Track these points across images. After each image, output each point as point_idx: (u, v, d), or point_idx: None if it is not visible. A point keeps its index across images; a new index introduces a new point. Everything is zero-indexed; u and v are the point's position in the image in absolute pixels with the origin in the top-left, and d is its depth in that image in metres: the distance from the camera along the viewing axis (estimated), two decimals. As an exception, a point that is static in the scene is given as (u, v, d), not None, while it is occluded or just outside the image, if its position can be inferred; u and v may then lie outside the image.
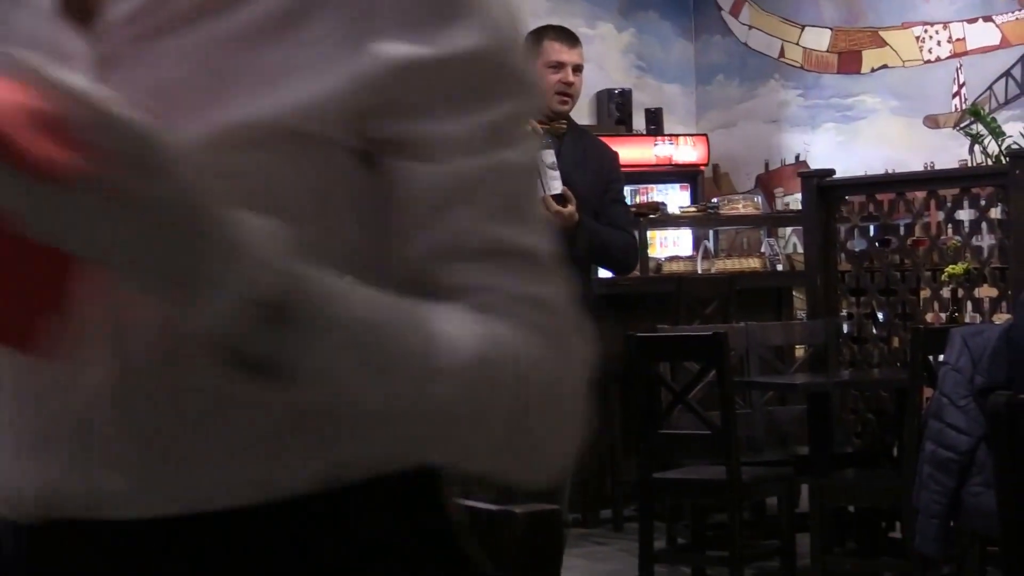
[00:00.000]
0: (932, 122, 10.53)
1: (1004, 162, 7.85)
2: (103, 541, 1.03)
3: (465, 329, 0.98)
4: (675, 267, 8.93)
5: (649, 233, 9.28)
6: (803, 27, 11.18)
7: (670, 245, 10.46)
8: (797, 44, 11.24)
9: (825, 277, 6.52)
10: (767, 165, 11.42)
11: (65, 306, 0.90)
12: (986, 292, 6.19)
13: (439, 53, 1.00)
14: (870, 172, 8.26)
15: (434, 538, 1.10)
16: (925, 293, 6.31)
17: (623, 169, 5.21)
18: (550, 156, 4.76)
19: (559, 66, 4.95)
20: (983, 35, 10.26)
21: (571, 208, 4.75)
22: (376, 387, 0.95)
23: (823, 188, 6.59)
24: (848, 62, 10.96)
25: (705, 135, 11.62)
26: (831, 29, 11.03)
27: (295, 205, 1.00)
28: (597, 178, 4.92)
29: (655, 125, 11.41)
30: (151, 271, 0.88)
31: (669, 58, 11.88)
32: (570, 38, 5.06)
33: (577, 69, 4.99)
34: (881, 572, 5.65)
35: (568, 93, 4.98)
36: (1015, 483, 2.95)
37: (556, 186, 4.74)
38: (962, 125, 9.94)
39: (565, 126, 5.00)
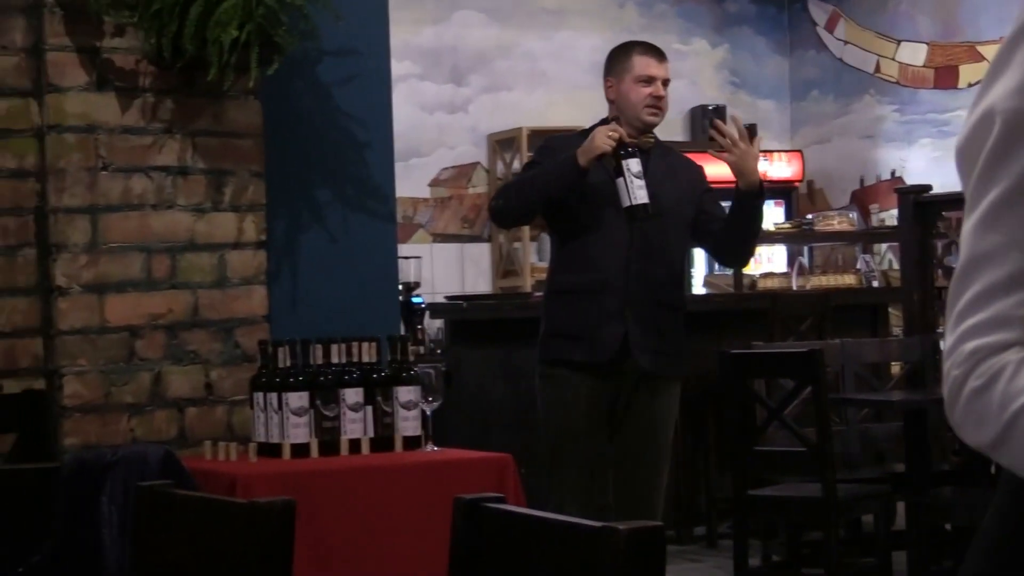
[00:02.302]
0: (1030, 137, 10.40)
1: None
2: None
3: None
4: (770, 283, 8.91)
5: (743, 249, 9.25)
6: (899, 42, 11.11)
7: (764, 262, 10.42)
8: (893, 59, 11.17)
9: (922, 293, 6.48)
10: (862, 181, 11.35)
11: None
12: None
13: None
14: (967, 188, 8.17)
15: None
16: (1023, 310, 6.25)
17: (717, 185, 5.21)
18: (636, 165, 4.76)
19: (650, 80, 4.95)
20: (1083, 49, 10.14)
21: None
22: None
23: (920, 204, 6.55)
24: (945, 77, 10.87)
25: (800, 151, 11.57)
26: (927, 44, 10.96)
27: None
28: (689, 190, 4.93)
29: (749, 141, 11.37)
30: None
31: (763, 74, 11.84)
32: (658, 53, 5.07)
33: (666, 83, 5.01)
34: (979, 591, 5.60)
35: (659, 107, 4.99)
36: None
37: (642, 195, 4.74)
38: (1061, 140, 9.84)
39: (652, 141, 5.01)
